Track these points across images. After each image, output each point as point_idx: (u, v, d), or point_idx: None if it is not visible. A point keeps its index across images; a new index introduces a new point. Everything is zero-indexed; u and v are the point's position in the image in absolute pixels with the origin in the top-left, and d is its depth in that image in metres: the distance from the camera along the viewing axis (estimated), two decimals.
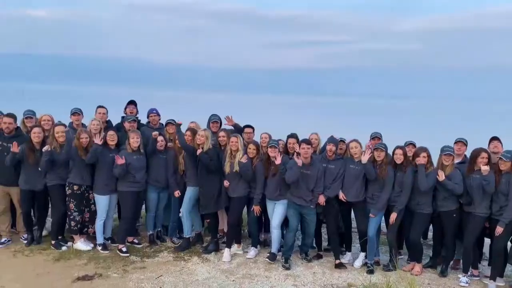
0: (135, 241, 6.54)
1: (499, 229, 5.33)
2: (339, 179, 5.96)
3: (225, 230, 6.55)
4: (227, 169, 6.10)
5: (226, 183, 6.16)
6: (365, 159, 5.76)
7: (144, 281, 5.36)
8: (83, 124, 6.78)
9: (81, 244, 6.20)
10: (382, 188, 5.79)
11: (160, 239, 6.72)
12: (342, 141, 6.25)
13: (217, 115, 6.94)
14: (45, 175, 6.05)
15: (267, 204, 6.19)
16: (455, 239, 5.82)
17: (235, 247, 6.34)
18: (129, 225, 6.35)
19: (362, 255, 6.10)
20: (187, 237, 6.44)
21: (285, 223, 6.26)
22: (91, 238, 6.36)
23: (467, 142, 5.89)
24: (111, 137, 6.12)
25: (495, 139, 5.91)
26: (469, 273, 5.67)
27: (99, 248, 6.19)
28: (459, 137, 5.91)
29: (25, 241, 6.30)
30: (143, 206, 6.91)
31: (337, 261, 6.04)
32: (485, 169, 5.32)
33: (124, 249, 6.13)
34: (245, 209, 6.48)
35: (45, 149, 5.85)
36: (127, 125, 6.57)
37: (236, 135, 6.21)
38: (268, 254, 6.12)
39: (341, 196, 5.96)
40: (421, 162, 5.61)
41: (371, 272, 5.81)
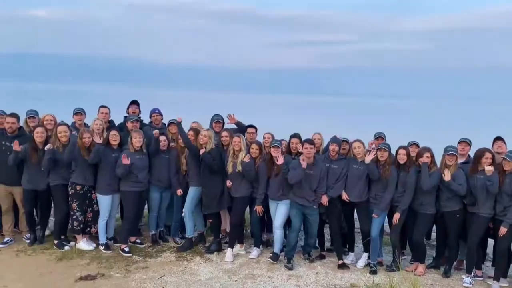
0: (138, 241, 6.54)
1: (503, 230, 5.33)
2: (342, 179, 5.95)
3: (228, 230, 6.53)
4: (229, 169, 6.09)
5: (228, 183, 6.15)
6: (368, 159, 5.74)
7: (146, 281, 5.35)
8: (85, 124, 6.79)
9: (83, 244, 6.20)
10: (385, 188, 5.78)
11: (162, 239, 6.72)
12: (345, 141, 6.23)
13: (219, 115, 6.93)
14: (48, 175, 6.05)
15: (269, 204, 6.18)
16: (458, 239, 5.81)
17: (237, 247, 6.33)
18: (132, 225, 6.34)
19: (365, 255, 6.08)
20: (190, 237, 6.44)
21: (287, 223, 6.25)
22: (94, 238, 6.36)
23: (470, 142, 5.88)
24: (114, 137, 6.12)
25: (499, 139, 5.89)
26: (472, 274, 5.65)
27: (102, 248, 6.19)
28: (462, 137, 5.90)
29: (28, 241, 6.30)
30: (146, 206, 6.91)
31: (340, 262, 6.02)
32: (489, 169, 5.30)
33: (126, 249, 6.13)
34: (247, 209, 6.47)
35: (47, 147, 5.85)
36: (129, 125, 6.57)
37: (238, 135, 6.20)
38: (270, 254, 6.10)
39: (344, 196, 5.95)
40: (424, 160, 5.59)
41: (374, 272, 5.79)
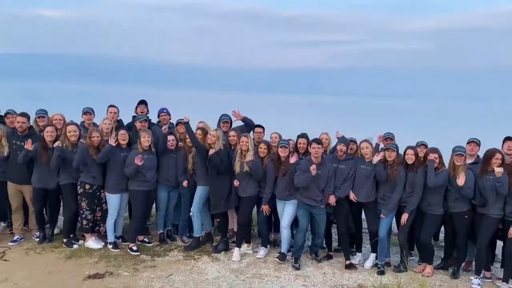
0: (146, 240, 6.58)
1: None
2: (349, 180, 5.93)
3: (235, 229, 6.55)
4: (237, 168, 6.10)
5: (236, 182, 6.16)
6: (376, 160, 5.72)
7: (154, 280, 5.38)
8: (94, 123, 6.84)
9: (92, 242, 6.25)
10: (393, 188, 5.75)
11: (170, 238, 6.75)
12: (352, 141, 6.21)
13: (227, 115, 6.94)
14: (57, 174, 6.11)
15: (277, 204, 6.18)
16: (467, 240, 5.76)
17: (244, 246, 6.34)
18: (140, 224, 6.38)
19: (372, 255, 6.06)
20: (197, 236, 6.46)
21: (295, 223, 6.25)
22: (102, 236, 6.41)
23: (480, 142, 5.81)
24: (123, 137, 6.16)
25: (509, 139, 5.81)
26: (481, 275, 5.60)
27: (110, 246, 6.23)
28: (471, 137, 5.84)
29: (37, 239, 6.36)
30: (154, 205, 6.95)
31: (347, 262, 6.01)
32: (498, 171, 5.24)
33: (134, 248, 6.17)
34: (255, 209, 6.47)
35: (56, 144, 5.90)
36: (138, 124, 6.60)
37: (246, 135, 6.21)
38: (277, 254, 6.11)
39: (352, 196, 5.93)
40: (430, 157, 5.56)
41: (381, 273, 5.77)
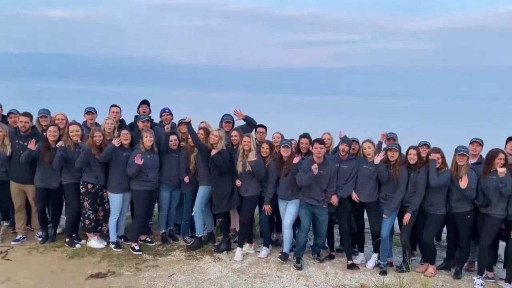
0: (148, 239, 6.59)
1: None
2: (352, 179, 5.92)
3: (237, 229, 6.55)
4: (239, 168, 6.10)
5: (238, 182, 6.16)
6: (377, 160, 5.71)
7: (156, 279, 5.39)
8: (96, 123, 6.85)
9: (94, 242, 6.26)
10: (395, 188, 5.74)
11: (172, 237, 6.76)
12: (355, 141, 6.20)
13: (229, 115, 6.93)
14: (60, 174, 6.13)
15: (279, 203, 6.18)
16: (469, 240, 5.74)
17: (247, 246, 6.34)
18: (142, 223, 6.39)
19: (375, 256, 6.05)
20: (199, 236, 6.46)
21: (297, 223, 6.25)
22: (105, 236, 6.42)
23: (483, 142, 5.80)
24: (125, 136, 6.17)
25: None
26: (484, 275, 5.58)
27: (112, 246, 6.25)
28: (474, 137, 5.82)
29: (40, 239, 6.38)
30: (156, 204, 6.95)
31: (350, 262, 6.00)
32: (501, 171, 5.22)
33: (136, 247, 6.18)
34: (257, 209, 6.48)
35: (59, 144, 5.91)
36: (140, 124, 6.61)
37: (248, 135, 6.21)
38: (279, 254, 6.11)
39: (354, 196, 5.92)
40: (433, 157, 5.55)
41: (384, 273, 5.76)
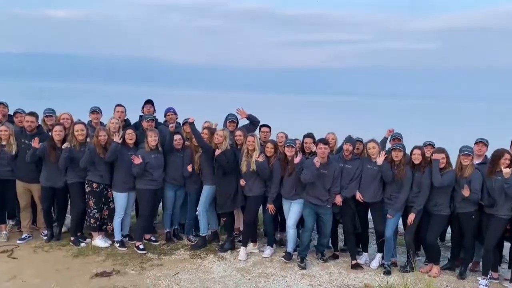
0: (152, 238, 6.61)
1: None
2: (356, 179, 5.92)
3: (241, 228, 6.56)
4: (243, 168, 6.11)
5: (242, 182, 6.17)
6: (380, 161, 5.71)
7: (161, 278, 5.40)
8: (101, 122, 6.88)
9: (99, 241, 6.29)
10: (400, 188, 5.74)
11: (176, 237, 6.78)
12: (359, 141, 6.20)
13: (233, 115, 6.95)
14: (65, 173, 6.16)
15: (283, 203, 6.19)
16: (474, 241, 5.74)
17: (250, 246, 6.35)
18: (147, 222, 6.41)
19: (379, 255, 6.05)
20: (204, 235, 6.48)
21: (301, 223, 6.25)
22: (109, 235, 6.45)
23: (488, 142, 5.79)
24: (130, 136, 6.19)
25: None
26: (488, 276, 5.58)
27: (117, 245, 6.27)
28: (479, 138, 5.81)
29: (45, 237, 6.41)
30: (160, 204, 6.98)
31: (354, 262, 6.00)
32: (507, 171, 5.20)
33: (141, 246, 6.20)
34: (261, 208, 6.49)
35: (64, 146, 5.95)
36: (145, 124, 6.63)
37: (253, 135, 6.22)
38: (283, 253, 6.11)
39: (358, 196, 5.92)
40: (435, 157, 5.55)
41: (388, 273, 5.76)
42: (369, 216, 6.24)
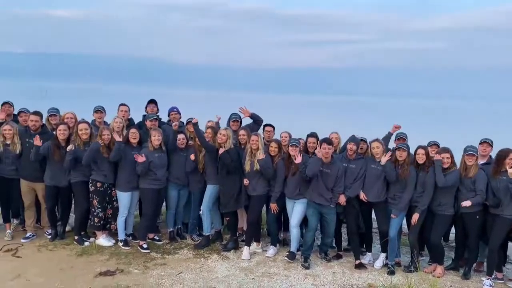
0: (156, 237, 6.61)
1: None
2: (360, 179, 5.92)
3: (245, 228, 6.57)
4: (247, 167, 6.11)
5: (246, 181, 6.17)
6: (384, 161, 5.70)
7: (164, 278, 5.41)
8: (105, 122, 6.89)
9: (103, 240, 6.30)
10: (404, 188, 5.73)
11: (180, 236, 6.78)
12: (363, 140, 6.20)
13: (237, 114, 6.94)
14: (69, 172, 6.17)
15: (286, 203, 6.19)
16: (478, 241, 5.73)
17: (254, 245, 6.35)
18: (150, 222, 6.41)
19: (382, 255, 6.04)
20: (207, 234, 6.48)
21: (304, 222, 6.25)
22: (113, 234, 6.46)
23: (492, 143, 5.77)
24: (133, 135, 6.20)
25: None
26: (493, 276, 5.57)
27: (121, 244, 6.28)
28: (484, 138, 5.80)
29: (49, 236, 6.42)
30: (164, 203, 6.97)
31: (357, 262, 6.00)
32: (511, 171, 5.21)
33: (145, 246, 6.20)
34: (264, 208, 6.48)
35: (69, 148, 5.95)
36: (148, 123, 6.63)
37: (256, 134, 6.22)
38: (287, 253, 6.11)
39: (362, 196, 5.92)
40: (437, 157, 5.56)
41: (392, 273, 5.76)
42: (373, 216, 6.23)
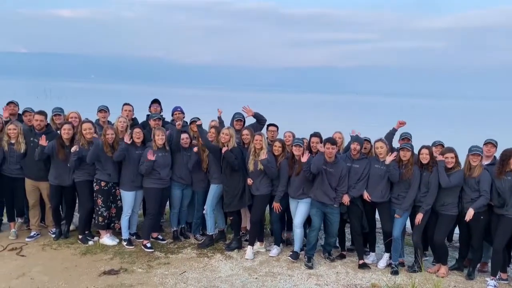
0: (159, 237, 6.63)
1: None
2: (363, 179, 5.90)
3: (248, 227, 6.57)
4: (250, 167, 6.11)
5: (249, 181, 6.18)
6: (389, 160, 5.69)
7: (168, 277, 5.42)
8: (109, 121, 6.92)
9: (107, 239, 6.32)
10: (407, 188, 5.72)
11: (183, 235, 6.81)
12: (366, 140, 6.19)
13: (240, 113, 6.94)
14: (73, 171, 6.19)
15: (290, 202, 6.18)
16: (482, 241, 5.71)
17: (257, 245, 6.36)
18: (154, 221, 6.42)
19: (386, 255, 6.03)
20: (210, 234, 6.49)
21: (307, 222, 6.25)
22: (117, 233, 6.48)
23: (497, 143, 5.75)
24: (137, 135, 6.21)
25: None
26: (497, 277, 5.54)
27: (124, 243, 6.30)
28: (488, 138, 5.77)
29: (53, 235, 6.46)
30: (168, 202, 6.99)
31: (361, 261, 5.99)
32: None
33: (148, 245, 6.22)
34: (268, 207, 6.48)
35: (73, 150, 5.97)
36: (152, 123, 6.65)
37: (260, 133, 6.23)
38: (290, 252, 6.12)
39: (366, 196, 5.91)
40: (440, 158, 5.54)
41: (395, 273, 5.75)
42: (377, 216, 6.22)
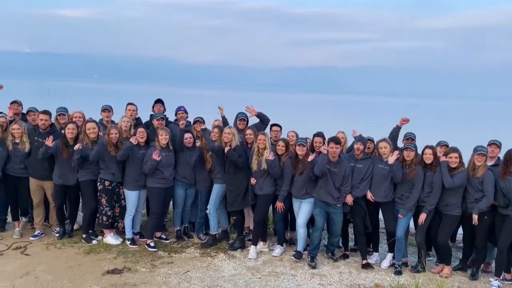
0: (163, 236, 6.64)
1: None
2: (367, 179, 5.90)
3: (251, 227, 6.58)
4: (254, 166, 6.12)
5: (253, 180, 6.18)
6: (392, 160, 5.68)
7: (171, 276, 5.44)
8: (112, 121, 6.94)
9: (110, 238, 6.34)
10: (411, 188, 5.71)
11: (187, 235, 6.81)
12: (370, 140, 6.18)
13: (244, 113, 6.94)
14: (77, 171, 6.22)
15: (293, 202, 6.19)
16: (486, 241, 5.69)
17: (260, 244, 6.36)
18: (157, 220, 6.44)
19: (389, 255, 6.02)
20: (214, 233, 6.50)
21: (311, 222, 6.25)
22: (121, 232, 6.50)
23: (500, 144, 5.72)
24: (141, 134, 6.23)
25: None
26: (501, 277, 5.53)
27: (128, 242, 6.32)
28: (492, 139, 5.74)
29: (57, 234, 6.48)
30: (171, 202, 7.01)
31: (364, 261, 5.99)
32: None
33: (152, 244, 6.24)
34: (271, 207, 6.48)
35: (76, 147, 6.00)
36: (155, 122, 6.67)
37: (263, 133, 6.23)
38: (293, 252, 6.11)
39: (369, 196, 5.90)
40: (442, 159, 5.53)
41: (399, 273, 5.74)
42: (380, 216, 6.21)
